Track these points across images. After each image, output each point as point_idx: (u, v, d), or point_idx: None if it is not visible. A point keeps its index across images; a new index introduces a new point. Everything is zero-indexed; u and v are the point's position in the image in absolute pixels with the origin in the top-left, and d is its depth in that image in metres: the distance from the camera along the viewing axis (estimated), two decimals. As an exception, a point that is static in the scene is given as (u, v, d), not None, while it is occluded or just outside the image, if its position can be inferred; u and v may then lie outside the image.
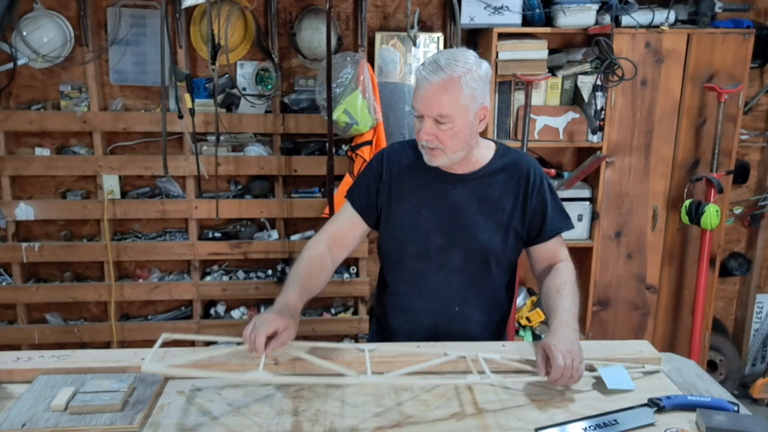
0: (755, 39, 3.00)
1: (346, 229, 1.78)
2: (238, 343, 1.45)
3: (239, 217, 3.27)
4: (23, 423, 1.29)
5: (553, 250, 1.76)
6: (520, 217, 1.72)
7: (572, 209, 3.12)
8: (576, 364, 1.41)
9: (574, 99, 3.08)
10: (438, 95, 1.54)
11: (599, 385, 1.49)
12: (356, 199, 1.78)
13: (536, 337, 3.23)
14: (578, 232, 3.15)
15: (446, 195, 1.70)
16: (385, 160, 1.77)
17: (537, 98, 3.03)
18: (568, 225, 1.77)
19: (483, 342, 1.72)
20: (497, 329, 1.84)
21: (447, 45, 3.17)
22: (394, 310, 1.83)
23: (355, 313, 3.40)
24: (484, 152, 1.73)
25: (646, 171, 3.11)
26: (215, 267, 3.36)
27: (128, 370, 1.49)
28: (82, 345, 3.19)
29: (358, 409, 1.39)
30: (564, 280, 1.67)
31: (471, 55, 1.59)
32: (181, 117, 2.96)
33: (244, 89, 3.12)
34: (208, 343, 3.32)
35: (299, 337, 1.47)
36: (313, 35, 3.02)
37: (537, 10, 2.93)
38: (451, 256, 1.70)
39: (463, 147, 1.62)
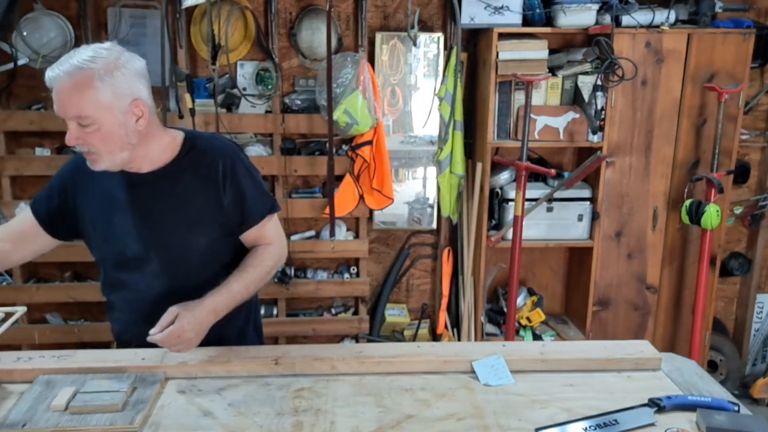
0: (755, 39, 2.99)
1: (17, 228, 1.70)
2: None
3: (239, 217, 3.27)
4: (23, 423, 1.29)
5: (259, 232, 1.67)
6: (217, 211, 1.61)
7: (572, 209, 3.12)
8: (184, 337, 1.44)
9: (574, 99, 3.08)
10: (70, 96, 1.43)
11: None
12: (35, 203, 1.70)
13: (537, 337, 3.23)
14: (578, 232, 3.15)
15: (136, 198, 1.60)
16: (74, 167, 1.65)
17: (537, 98, 3.03)
18: (274, 207, 1.70)
19: (482, 342, 1.72)
20: (231, 329, 1.71)
21: (447, 45, 3.17)
22: (111, 318, 1.79)
23: (356, 313, 3.40)
24: (170, 146, 1.61)
25: (646, 171, 3.11)
26: (215, 267, 3.36)
27: (128, 370, 1.49)
28: (83, 345, 3.19)
29: (358, 409, 1.39)
30: (252, 261, 1.63)
31: (114, 49, 1.49)
32: (181, 117, 2.97)
33: (244, 89, 3.12)
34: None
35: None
36: (313, 35, 3.02)
37: (537, 10, 2.93)
38: (150, 261, 1.61)
39: (122, 148, 1.49)
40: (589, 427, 1.32)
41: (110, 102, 1.45)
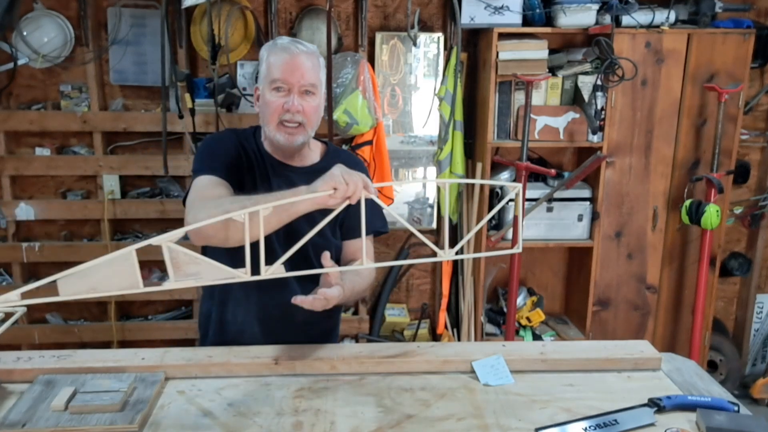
0: (755, 39, 3.00)
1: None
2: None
3: (239, 217, 3.27)
4: (23, 423, 1.29)
5: (361, 246, 1.52)
6: (343, 211, 1.46)
7: (572, 209, 3.13)
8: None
9: (574, 99, 3.08)
10: (307, 63, 1.60)
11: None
12: (216, 171, 1.60)
13: (537, 337, 3.23)
14: (578, 232, 3.15)
15: (289, 186, 1.56)
16: (237, 138, 1.70)
17: (537, 98, 3.03)
18: (382, 229, 1.79)
19: (482, 342, 1.72)
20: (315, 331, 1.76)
21: (447, 45, 3.17)
22: (217, 313, 1.79)
23: (356, 313, 3.40)
24: (318, 148, 1.78)
25: (646, 171, 3.11)
26: (215, 267, 3.35)
27: (128, 370, 1.49)
28: (82, 345, 3.19)
29: (358, 409, 1.39)
30: (357, 274, 1.64)
31: None
32: (181, 117, 2.97)
33: (244, 89, 3.12)
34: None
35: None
36: (314, 35, 3.02)
37: (537, 10, 2.93)
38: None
39: (316, 124, 1.67)
40: (589, 427, 1.32)
41: (323, 80, 1.67)
